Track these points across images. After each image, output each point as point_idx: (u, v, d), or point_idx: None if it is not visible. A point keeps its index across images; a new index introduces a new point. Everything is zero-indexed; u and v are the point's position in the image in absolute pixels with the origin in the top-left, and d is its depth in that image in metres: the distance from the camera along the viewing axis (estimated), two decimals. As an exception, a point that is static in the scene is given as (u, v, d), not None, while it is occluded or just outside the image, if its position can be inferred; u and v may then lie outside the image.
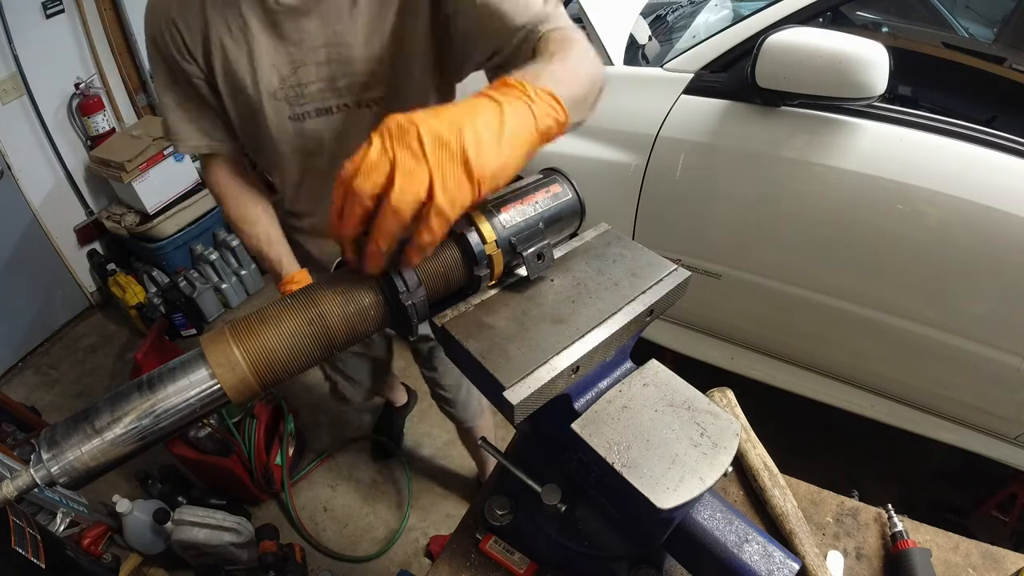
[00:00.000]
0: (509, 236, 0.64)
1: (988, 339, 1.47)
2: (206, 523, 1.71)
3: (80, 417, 0.51)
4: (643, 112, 1.66)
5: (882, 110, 1.44)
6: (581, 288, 0.68)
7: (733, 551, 0.63)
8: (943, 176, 1.36)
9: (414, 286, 0.58)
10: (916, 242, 1.43)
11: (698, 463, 0.58)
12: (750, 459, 0.90)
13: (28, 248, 2.55)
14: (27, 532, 1.25)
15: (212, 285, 2.80)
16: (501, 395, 0.56)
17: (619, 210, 1.76)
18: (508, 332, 0.62)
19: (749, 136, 1.52)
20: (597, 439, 0.60)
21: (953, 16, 2.46)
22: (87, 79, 2.54)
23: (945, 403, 1.68)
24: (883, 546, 0.85)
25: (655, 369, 0.67)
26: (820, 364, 1.81)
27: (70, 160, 2.61)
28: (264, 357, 0.54)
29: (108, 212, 2.71)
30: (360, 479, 2.16)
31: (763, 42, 1.37)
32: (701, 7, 2.36)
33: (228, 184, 1.09)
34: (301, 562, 1.83)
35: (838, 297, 1.60)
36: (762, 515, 0.87)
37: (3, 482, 0.47)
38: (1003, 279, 1.38)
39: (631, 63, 1.79)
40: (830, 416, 1.87)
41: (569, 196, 0.70)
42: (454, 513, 2.03)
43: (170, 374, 0.53)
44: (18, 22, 2.28)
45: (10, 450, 1.78)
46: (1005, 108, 2.04)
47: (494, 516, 0.81)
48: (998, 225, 1.33)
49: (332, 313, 0.57)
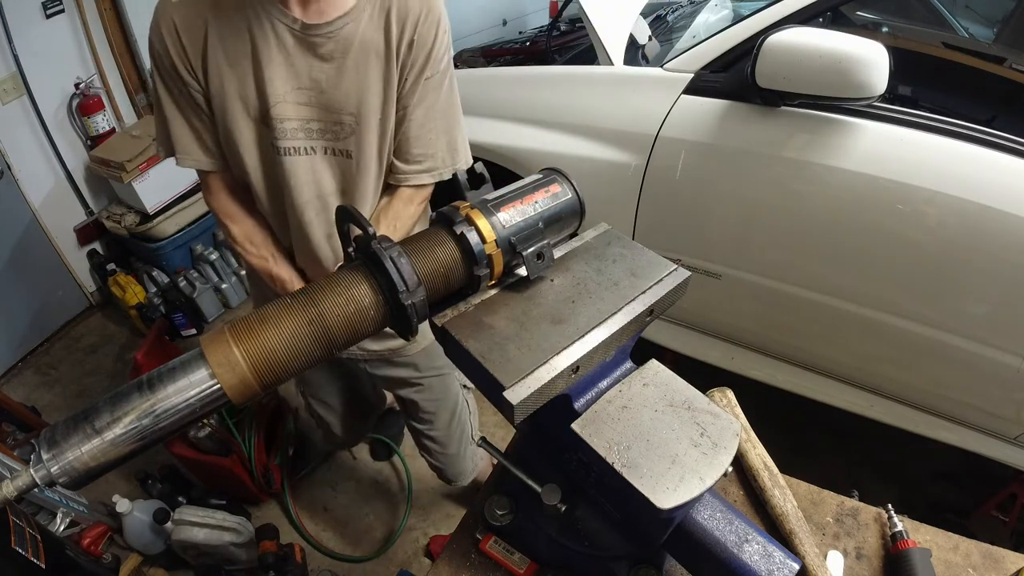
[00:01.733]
0: (509, 235, 0.64)
1: (988, 339, 1.47)
2: (206, 523, 1.71)
3: (80, 417, 0.51)
4: (643, 112, 1.65)
5: (882, 110, 1.44)
6: (581, 288, 0.68)
7: (733, 551, 0.63)
8: (943, 176, 1.36)
9: (414, 286, 0.58)
10: (916, 242, 1.43)
11: (698, 463, 0.58)
12: (750, 459, 0.90)
13: (28, 248, 2.55)
14: (27, 532, 1.25)
15: (212, 285, 2.80)
16: (501, 395, 0.56)
17: (619, 210, 1.76)
18: (508, 332, 0.62)
19: (749, 136, 1.52)
20: (597, 439, 0.60)
21: (953, 16, 2.46)
22: (87, 79, 2.54)
23: (945, 403, 1.68)
24: (883, 546, 0.85)
25: (655, 369, 0.67)
26: (820, 364, 1.81)
27: (70, 160, 2.61)
28: (264, 357, 0.54)
29: (108, 212, 2.71)
30: (360, 479, 2.15)
31: (763, 42, 1.37)
32: (701, 7, 2.36)
33: (229, 204, 1.10)
34: (301, 562, 1.83)
35: (838, 297, 1.60)
36: (762, 515, 0.87)
37: (3, 482, 0.47)
38: (1003, 279, 1.38)
39: (631, 63, 1.79)
40: (830, 416, 1.86)
41: (569, 196, 0.70)
42: (454, 513, 2.03)
43: (170, 374, 0.53)
44: (18, 22, 2.28)
45: (10, 450, 1.78)
46: (1005, 108, 2.04)
47: (494, 516, 0.81)
48: (998, 225, 1.32)
49: (332, 313, 0.57)
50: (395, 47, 0.96)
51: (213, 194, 1.10)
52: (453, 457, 1.57)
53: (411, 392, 1.42)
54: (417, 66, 0.98)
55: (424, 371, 1.38)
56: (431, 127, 1.05)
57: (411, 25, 0.95)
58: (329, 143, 1.01)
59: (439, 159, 1.08)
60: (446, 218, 0.64)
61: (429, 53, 0.98)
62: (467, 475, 1.64)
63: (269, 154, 1.01)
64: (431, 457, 1.59)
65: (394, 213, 1.08)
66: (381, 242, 0.59)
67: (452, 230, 0.62)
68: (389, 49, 0.96)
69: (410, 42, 0.96)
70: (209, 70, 0.93)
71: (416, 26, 0.95)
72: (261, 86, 0.94)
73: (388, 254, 0.58)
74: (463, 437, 1.57)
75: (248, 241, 1.11)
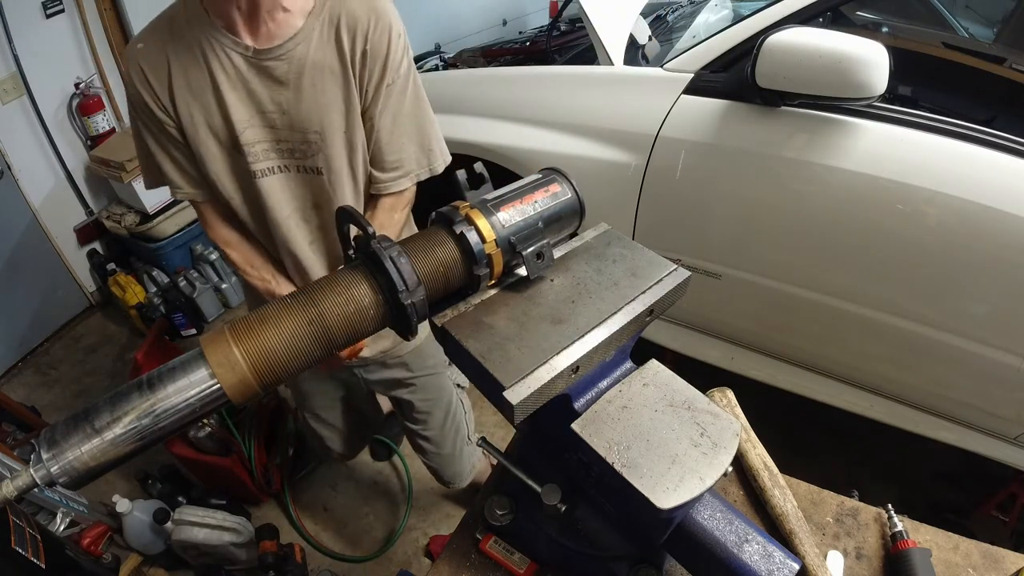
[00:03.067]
0: (508, 235, 0.64)
1: (988, 339, 1.47)
2: (206, 523, 1.71)
3: (80, 417, 0.51)
4: (643, 112, 1.65)
5: (882, 110, 1.43)
6: (581, 288, 0.68)
7: (733, 551, 0.63)
8: (943, 176, 1.36)
9: (414, 285, 0.58)
10: (916, 242, 1.43)
11: (698, 463, 0.58)
12: (750, 459, 0.90)
13: (28, 248, 2.55)
14: (27, 532, 1.25)
15: (212, 285, 2.80)
16: (501, 395, 0.56)
17: (619, 210, 1.76)
18: (508, 332, 0.62)
19: (749, 136, 1.52)
20: (597, 439, 0.60)
21: (953, 16, 2.46)
22: (87, 79, 2.54)
23: (945, 403, 1.67)
24: (883, 546, 0.85)
25: (655, 369, 0.67)
26: (820, 364, 1.81)
27: (70, 160, 2.61)
28: (264, 357, 0.54)
29: (108, 212, 2.71)
30: (360, 479, 2.15)
31: (763, 42, 1.36)
32: (701, 7, 2.36)
33: (225, 232, 1.13)
34: (301, 562, 1.83)
35: (838, 297, 1.60)
36: (762, 515, 0.87)
37: (3, 482, 0.47)
38: (1003, 279, 1.38)
39: (631, 63, 1.79)
40: (830, 416, 1.86)
41: (568, 195, 0.70)
42: (454, 513, 2.03)
43: (170, 374, 0.53)
44: (18, 22, 2.28)
45: (10, 450, 1.78)
46: (1005, 108, 2.04)
47: (494, 516, 0.81)
48: (998, 225, 1.32)
49: (332, 313, 0.57)
50: (349, 61, 0.96)
51: (209, 225, 1.12)
52: (448, 457, 1.57)
53: (404, 392, 1.43)
54: (375, 76, 0.98)
55: (416, 371, 1.39)
56: (400, 132, 1.05)
57: (361, 36, 0.95)
58: (298, 161, 1.02)
59: (413, 162, 1.08)
60: (446, 218, 0.64)
61: (385, 61, 0.98)
62: (464, 476, 1.64)
63: (245, 178, 1.03)
64: (427, 458, 1.60)
65: (379, 224, 1.09)
66: (381, 242, 0.59)
67: (452, 230, 0.62)
68: (344, 64, 0.96)
69: (363, 53, 0.96)
70: (177, 104, 0.95)
71: (367, 37, 0.95)
72: (225, 113, 0.96)
73: (388, 254, 0.57)
74: (458, 437, 1.57)
75: (248, 265, 1.14)
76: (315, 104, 0.97)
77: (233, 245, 1.13)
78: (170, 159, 1.03)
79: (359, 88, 0.99)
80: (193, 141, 0.99)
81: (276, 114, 0.97)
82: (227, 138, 0.99)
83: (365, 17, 0.95)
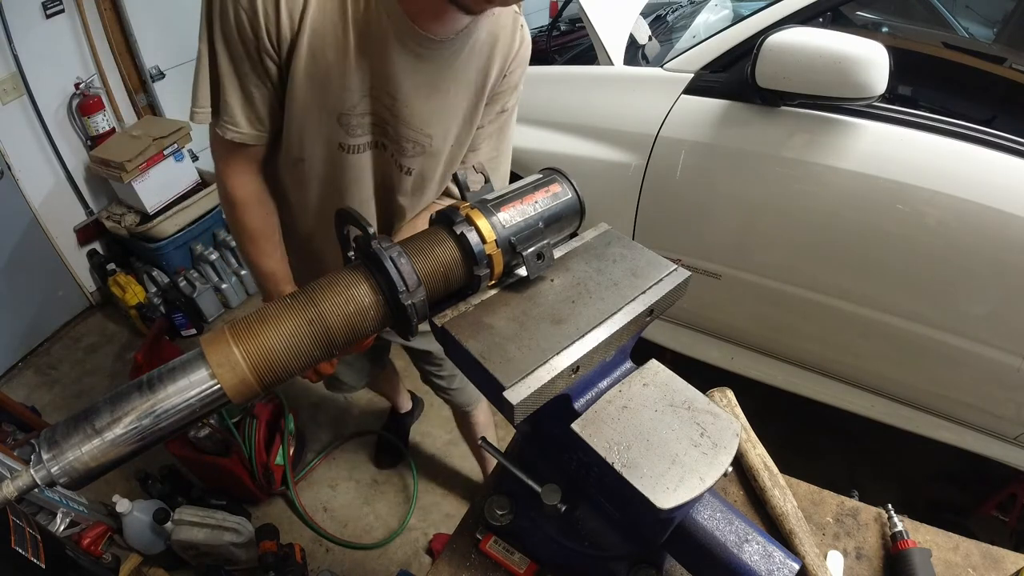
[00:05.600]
0: (509, 235, 0.64)
1: (988, 339, 1.47)
2: (206, 523, 1.71)
3: (80, 417, 0.51)
4: (643, 112, 1.65)
5: (882, 110, 1.44)
6: (581, 288, 0.68)
7: (733, 551, 0.63)
8: (943, 176, 1.36)
9: (414, 286, 0.58)
10: (916, 242, 1.43)
11: (698, 463, 0.58)
12: (750, 459, 0.90)
13: (28, 248, 2.55)
14: (27, 532, 1.25)
15: (212, 285, 2.80)
16: (501, 395, 0.56)
17: (619, 210, 1.76)
18: (508, 332, 0.62)
19: (749, 136, 1.52)
20: (597, 439, 0.60)
21: (953, 16, 2.46)
22: (87, 79, 2.53)
23: (945, 403, 1.67)
24: (883, 546, 0.85)
25: (655, 369, 0.67)
26: (820, 364, 1.81)
27: (70, 160, 2.60)
28: (264, 357, 0.54)
29: (108, 212, 2.71)
30: (360, 479, 2.15)
31: (763, 42, 1.37)
32: (701, 7, 2.36)
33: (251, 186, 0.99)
34: (301, 562, 1.83)
35: (838, 297, 1.60)
36: (762, 515, 0.87)
37: (3, 482, 0.47)
38: (1003, 279, 1.38)
39: (631, 63, 1.79)
40: (830, 416, 1.86)
41: (569, 196, 0.70)
42: (454, 513, 2.03)
43: (170, 374, 0.53)
44: (18, 22, 2.27)
45: (10, 450, 1.78)
46: (1005, 108, 2.04)
47: (494, 516, 0.81)
48: (998, 225, 1.33)
49: (332, 313, 0.57)
50: (491, 79, 0.94)
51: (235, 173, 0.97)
52: (460, 392, 1.60)
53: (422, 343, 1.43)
54: (500, 100, 0.97)
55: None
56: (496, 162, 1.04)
57: (509, 60, 0.94)
58: (395, 156, 0.97)
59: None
60: (446, 218, 0.64)
61: (515, 88, 0.97)
62: (475, 400, 1.65)
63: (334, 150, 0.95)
64: (444, 394, 1.62)
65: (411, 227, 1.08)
66: (381, 242, 0.59)
67: (452, 230, 0.62)
68: (485, 80, 0.94)
69: (502, 75, 0.95)
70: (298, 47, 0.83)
71: (511, 61, 0.94)
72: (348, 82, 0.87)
73: (388, 254, 0.57)
74: None
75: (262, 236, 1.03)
76: (442, 106, 0.92)
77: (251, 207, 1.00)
78: (242, 93, 0.88)
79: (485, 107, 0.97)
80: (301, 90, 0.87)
81: (399, 102, 0.90)
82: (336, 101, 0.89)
83: (517, 42, 0.94)
